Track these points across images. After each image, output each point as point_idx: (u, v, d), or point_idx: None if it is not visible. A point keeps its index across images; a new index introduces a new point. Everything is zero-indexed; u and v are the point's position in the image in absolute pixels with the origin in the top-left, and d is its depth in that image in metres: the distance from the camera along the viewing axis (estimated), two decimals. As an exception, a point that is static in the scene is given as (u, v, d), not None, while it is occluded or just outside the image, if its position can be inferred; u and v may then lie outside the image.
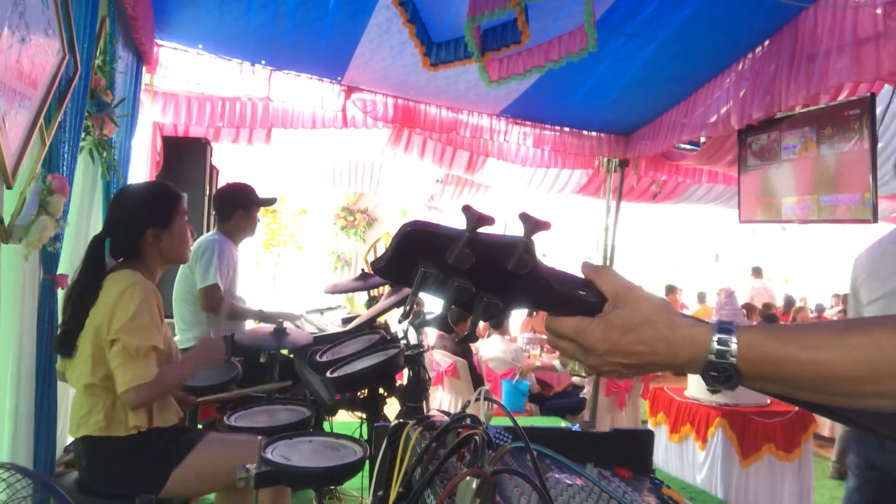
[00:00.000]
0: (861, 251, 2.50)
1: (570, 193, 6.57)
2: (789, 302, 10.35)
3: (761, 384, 0.73)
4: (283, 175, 7.04)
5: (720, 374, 0.71)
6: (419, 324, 2.38)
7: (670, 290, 9.70)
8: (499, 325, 5.79)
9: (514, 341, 6.35)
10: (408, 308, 0.80)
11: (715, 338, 0.71)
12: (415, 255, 0.72)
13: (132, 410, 1.92)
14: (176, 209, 2.12)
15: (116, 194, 2.22)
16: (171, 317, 3.37)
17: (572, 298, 0.77)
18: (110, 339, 1.87)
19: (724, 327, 0.72)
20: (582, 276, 0.80)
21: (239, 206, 3.39)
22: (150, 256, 2.06)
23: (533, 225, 0.72)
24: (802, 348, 0.69)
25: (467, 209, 0.71)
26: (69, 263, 2.26)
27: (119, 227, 2.06)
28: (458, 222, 0.74)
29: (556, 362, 5.71)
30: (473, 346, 5.98)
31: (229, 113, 4.44)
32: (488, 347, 5.70)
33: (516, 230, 0.74)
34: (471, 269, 0.71)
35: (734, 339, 0.71)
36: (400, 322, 2.23)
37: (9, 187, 1.68)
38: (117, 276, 1.97)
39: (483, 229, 0.71)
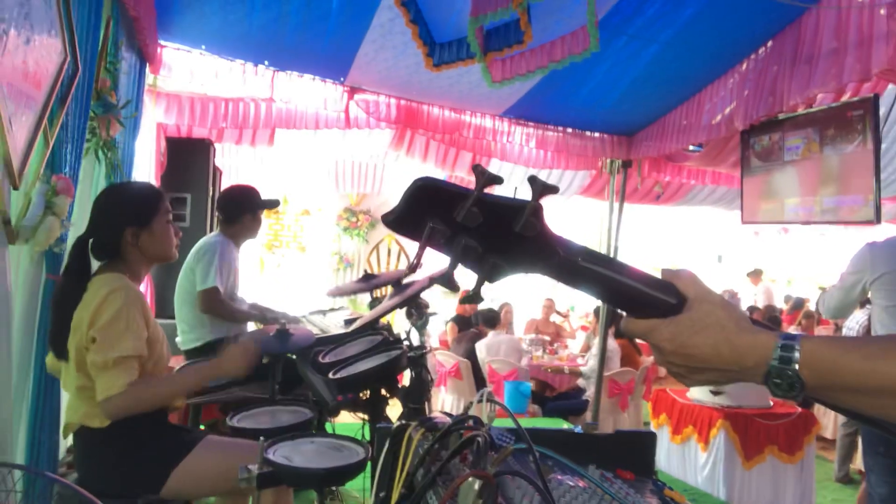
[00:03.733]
0: (877, 244, 2.46)
1: (574, 195, 6.57)
2: (798, 303, 10.29)
3: (825, 394, 0.72)
4: (286, 176, 7.04)
5: (783, 381, 0.71)
6: (422, 325, 2.38)
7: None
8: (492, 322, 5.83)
9: (521, 342, 6.33)
10: (415, 262, 0.81)
11: (779, 344, 0.71)
12: (424, 210, 0.73)
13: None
14: (156, 208, 2.06)
15: (98, 196, 2.20)
16: (174, 317, 3.38)
17: (576, 268, 0.77)
18: (86, 344, 1.85)
19: (790, 334, 0.72)
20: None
21: (248, 210, 3.39)
22: (132, 257, 2.02)
23: (541, 188, 0.73)
24: (864, 357, 0.68)
25: (477, 168, 0.72)
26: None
27: (98, 227, 2.02)
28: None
29: (585, 369, 5.73)
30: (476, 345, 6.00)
31: (232, 114, 4.45)
32: (490, 346, 5.70)
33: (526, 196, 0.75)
34: (479, 229, 0.72)
35: (797, 346, 0.70)
36: (407, 276, 2.17)
37: (15, 188, 1.69)
38: (102, 279, 1.94)
39: (493, 191, 0.72)
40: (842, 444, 5.17)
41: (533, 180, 0.73)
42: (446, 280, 0.79)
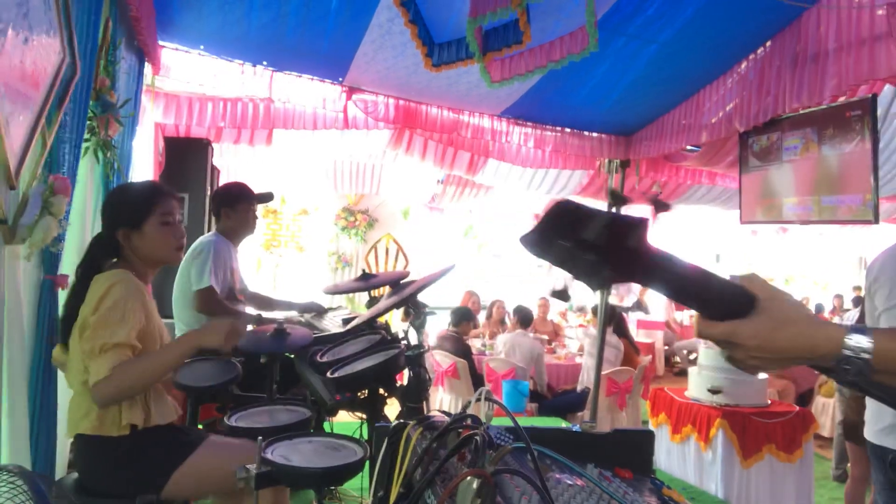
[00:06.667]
0: (878, 255, 2.52)
1: (571, 194, 6.57)
2: None
3: (890, 378, 0.84)
4: (284, 175, 7.03)
5: (853, 367, 0.83)
6: (420, 324, 2.38)
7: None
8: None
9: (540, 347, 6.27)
10: (561, 287, 0.89)
11: (850, 335, 0.84)
12: (556, 230, 0.79)
13: (126, 408, 1.90)
14: (148, 210, 2.03)
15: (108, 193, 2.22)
16: (172, 317, 3.37)
17: (685, 282, 0.84)
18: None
19: (858, 328, 0.85)
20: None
21: (224, 204, 3.37)
22: (132, 258, 2.04)
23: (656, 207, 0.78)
24: None
25: (613, 192, 0.77)
26: (72, 264, 2.26)
27: (102, 227, 2.06)
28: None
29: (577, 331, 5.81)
30: (494, 341, 6.07)
31: (231, 114, 4.44)
32: (513, 343, 5.72)
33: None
34: (601, 246, 0.78)
35: (867, 338, 0.83)
36: (553, 295, 2.17)
37: (12, 188, 1.68)
38: (106, 274, 1.96)
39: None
40: (838, 441, 5.17)
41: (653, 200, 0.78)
42: (562, 294, 0.91)
